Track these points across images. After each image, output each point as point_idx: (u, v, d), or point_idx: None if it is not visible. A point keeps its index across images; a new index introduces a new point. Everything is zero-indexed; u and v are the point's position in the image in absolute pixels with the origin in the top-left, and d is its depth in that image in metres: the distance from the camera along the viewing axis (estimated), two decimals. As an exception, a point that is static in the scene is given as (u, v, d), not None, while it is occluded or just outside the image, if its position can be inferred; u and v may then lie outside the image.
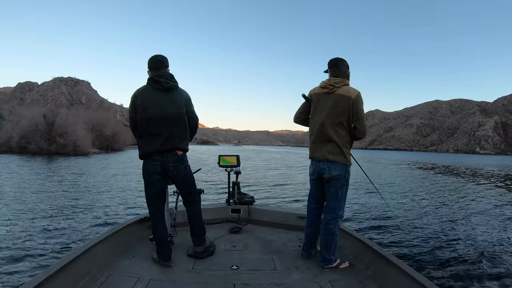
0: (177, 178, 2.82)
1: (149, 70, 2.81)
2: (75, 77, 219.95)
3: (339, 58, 2.89)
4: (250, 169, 23.83)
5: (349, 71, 2.92)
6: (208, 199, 9.35)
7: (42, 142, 33.50)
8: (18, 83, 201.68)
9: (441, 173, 26.45)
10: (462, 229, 7.44)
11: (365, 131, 2.84)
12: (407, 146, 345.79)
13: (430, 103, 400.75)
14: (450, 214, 9.34)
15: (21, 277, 4.05)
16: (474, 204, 11.30)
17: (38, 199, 9.03)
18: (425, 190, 14.89)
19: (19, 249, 4.99)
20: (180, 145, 2.77)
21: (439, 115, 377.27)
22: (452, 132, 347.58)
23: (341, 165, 2.74)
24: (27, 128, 34.50)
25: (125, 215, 7.44)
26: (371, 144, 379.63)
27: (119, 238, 3.10)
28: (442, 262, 5.22)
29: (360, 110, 2.76)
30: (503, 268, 4.99)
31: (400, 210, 9.50)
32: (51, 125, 34.93)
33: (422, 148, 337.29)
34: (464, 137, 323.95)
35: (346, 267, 2.79)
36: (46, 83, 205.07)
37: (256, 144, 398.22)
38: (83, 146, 35.34)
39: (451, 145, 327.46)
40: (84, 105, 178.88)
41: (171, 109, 2.71)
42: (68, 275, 2.21)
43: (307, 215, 3.06)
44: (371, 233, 6.79)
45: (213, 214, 4.12)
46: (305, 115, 3.02)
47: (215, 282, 2.47)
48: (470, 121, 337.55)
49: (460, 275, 4.69)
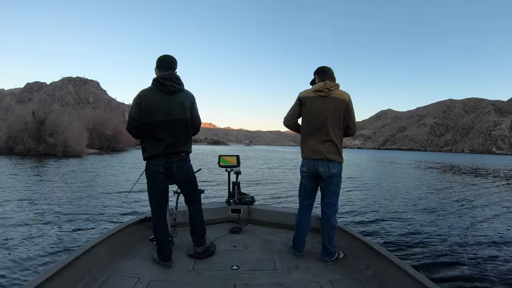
0: (180, 178, 2.85)
1: (157, 69, 2.83)
2: (83, 77, 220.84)
3: (325, 66, 3.12)
4: (259, 168, 24.22)
5: (335, 78, 3.11)
6: (208, 199, 9.09)
7: (29, 142, 30.35)
8: (27, 83, 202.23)
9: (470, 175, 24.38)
10: (465, 229, 7.39)
11: (356, 130, 3.08)
12: (420, 146, 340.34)
13: (444, 102, 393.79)
14: (459, 214, 9.34)
15: (21, 278, 4.06)
16: (486, 206, 10.96)
17: (31, 202, 8.75)
18: (434, 191, 14.62)
19: (19, 250, 4.99)
20: (184, 148, 2.81)
21: (452, 114, 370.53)
22: (466, 132, 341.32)
23: (338, 163, 2.93)
24: (15, 126, 31.46)
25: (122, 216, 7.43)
26: (384, 144, 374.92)
27: (119, 239, 3.11)
28: (442, 262, 5.18)
29: (352, 111, 2.99)
30: (504, 268, 4.97)
31: (403, 210, 9.53)
32: (41, 123, 31.71)
33: (436, 148, 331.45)
34: (480, 137, 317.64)
35: (343, 257, 2.99)
36: (54, 83, 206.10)
37: (268, 144, 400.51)
38: (74, 147, 32.09)
39: (466, 145, 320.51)
40: (92, 105, 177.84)
41: (176, 113, 2.71)
42: (68, 276, 2.23)
43: (299, 213, 3.13)
44: (371, 233, 6.83)
45: (213, 214, 4.13)
46: (296, 118, 3.13)
47: (215, 282, 2.49)
48: (485, 120, 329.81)
49: (461, 275, 4.70)
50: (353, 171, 24.19)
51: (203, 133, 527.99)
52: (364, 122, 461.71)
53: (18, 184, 11.86)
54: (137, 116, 2.71)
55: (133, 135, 2.86)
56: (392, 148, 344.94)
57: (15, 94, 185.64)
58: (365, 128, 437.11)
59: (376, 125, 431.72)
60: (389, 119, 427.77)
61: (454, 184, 18.17)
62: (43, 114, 32.47)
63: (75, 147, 32.14)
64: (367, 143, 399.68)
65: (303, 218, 3.09)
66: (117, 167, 21.57)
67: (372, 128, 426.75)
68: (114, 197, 9.85)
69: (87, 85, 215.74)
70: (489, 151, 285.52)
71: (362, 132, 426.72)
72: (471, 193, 14.11)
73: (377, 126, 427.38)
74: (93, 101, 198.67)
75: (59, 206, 8.34)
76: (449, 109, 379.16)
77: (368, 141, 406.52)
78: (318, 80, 3.06)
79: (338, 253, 2.98)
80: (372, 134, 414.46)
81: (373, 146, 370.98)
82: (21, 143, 30.35)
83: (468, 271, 4.82)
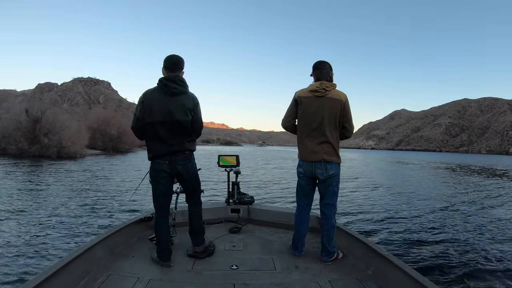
0: (184, 176, 2.86)
1: (164, 69, 2.84)
2: (95, 77, 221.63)
3: (321, 61, 3.01)
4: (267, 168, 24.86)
5: (332, 72, 3.01)
6: (208, 199, 9.15)
7: (22, 142, 28.09)
8: (38, 84, 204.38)
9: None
10: (465, 229, 7.41)
11: (352, 131, 3.03)
12: (436, 146, 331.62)
13: (458, 102, 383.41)
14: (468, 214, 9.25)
15: (20, 278, 4.08)
16: (493, 208, 10.63)
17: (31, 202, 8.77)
18: (438, 192, 14.42)
19: (18, 251, 5.00)
20: (188, 147, 2.84)
21: (468, 114, 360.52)
22: (482, 132, 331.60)
23: (336, 165, 2.92)
24: (9, 126, 29.30)
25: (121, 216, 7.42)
26: (399, 145, 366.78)
27: (119, 238, 3.12)
28: (442, 262, 5.19)
29: (349, 112, 2.95)
30: (505, 269, 4.98)
31: (405, 210, 9.58)
32: (35, 122, 29.44)
33: (452, 149, 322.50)
34: (496, 137, 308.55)
35: (343, 257, 2.99)
36: (65, 84, 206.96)
37: (281, 145, 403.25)
38: (70, 147, 29.75)
39: (483, 145, 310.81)
40: (102, 105, 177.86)
41: (177, 115, 2.72)
42: (67, 276, 2.23)
43: (298, 213, 3.12)
44: (370, 233, 6.81)
45: (212, 214, 4.14)
46: (294, 119, 3.08)
47: (214, 282, 2.49)
48: (501, 120, 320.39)
49: (461, 275, 4.70)
50: (356, 172, 24.31)
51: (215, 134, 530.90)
52: (378, 122, 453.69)
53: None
54: (141, 115, 2.73)
55: (137, 136, 2.88)
56: (407, 149, 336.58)
57: (27, 95, 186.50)
58: (379, 128, 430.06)
59: (390, 125, 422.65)
60: (403, 119, 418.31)
61: (463, 185, 17.76)
62: (39, 112, 30.21)
63: (71, 148, 29.90)
64: (381, 144, 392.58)
65: (302, 219, 3.08)
66: (113, 170, 19.44)
67: (386, 129, 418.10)
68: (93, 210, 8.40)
69: (98, 85, 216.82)
70: (507, 151, 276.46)
71: (375, 132, 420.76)
72: (480, 194, 13.76)
73: (391, 126, 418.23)
74: (103, 101, 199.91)
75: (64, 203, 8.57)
76: (464, 109, 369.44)
77: (382, 141, 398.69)
78: (314, 78, 3.00)
79: (337, 253, 2.98)
80: (386, 135, 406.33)
81: (387, 146, 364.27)
82: (14, 144, 28.29)
83: (468, 271, 4.81)
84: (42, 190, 10.79)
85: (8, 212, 7.48)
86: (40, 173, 16.15)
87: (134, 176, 16.29)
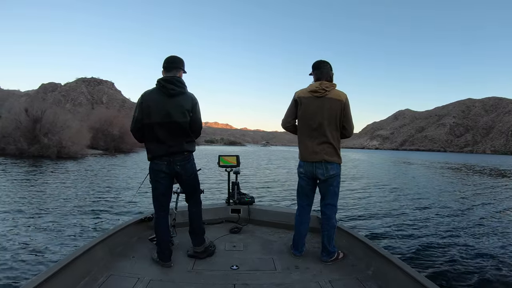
0: (183, 176, 2.86)
1: (163, 70, 2.84)
2: (98, 77, 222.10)
3: (321, 61, 3.00)
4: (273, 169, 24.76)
5: (332, 72, 3.00)
6: (208, 199, 9.21)
7: (21, 142, 27.67)
8: (41, 84, 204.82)
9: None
10: (468, 231, 7.35)
11: (353, 131, 3.02)
12: (440, 146, 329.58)
13: (463, 102, 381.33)
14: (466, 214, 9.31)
15: (20, 278, 4.08)
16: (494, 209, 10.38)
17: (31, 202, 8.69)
18: (441, 193, 14.34)
19: (18, 251, 4.99)
20: (187, 147, 2.84)
21: (472, 114, 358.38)
22: (487, 132, 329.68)
23: (336, 165, 2.91)
24: (9, 125, 28.92)
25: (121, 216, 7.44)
26: (403, 145, 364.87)
27: (119, 239, 3.12)
28: (442, 262, 5.19)
29: (349, 112, 2.94)
30: (505, 270, 4.97)
31: (407, 210, 9.52)
32: (35, 122, 29.01)
33: (457, 149, 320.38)
34: (501, 137, 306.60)
35: (343, 257, 2.99)
36: (69, 84, 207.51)
37: (284, 145, 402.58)
38: (70, 147, 29.30)
39: (487, 145, 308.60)
40: (105, 105, 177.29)
41: (175, 117, 2.72)
42: (68, 276, 2.24)
43: (299, 213, 3.12)
44: (370, 233, 6.73)
45: (213, 214, 4.15)
46: (294, 119, 3.08)
47: (215, 282, 2.49)
48: (506, 120, 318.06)
49: (461, 275, 4.70)
50: (359, 172, 24.16)
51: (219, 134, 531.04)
52: (382, 122, 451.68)
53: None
54: (140, 117, 2.73)
55: (136, 138, 2.88)
56: (411, 149, 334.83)
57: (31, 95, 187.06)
58: (383, 128, 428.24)
59: (394, 125, 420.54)
60: (407, 119, 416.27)
61: (467, 186, 17.61)
62: (39, 111, 29.78)
63: (71, 148, 29.46)
64: (385, 144, 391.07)
65: (303, 219, 3.08)
66: (113, 171, 19.08)
67: (390, 129, 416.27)
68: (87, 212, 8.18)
69: (102, 86, 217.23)
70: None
71: (379, 132, 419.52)
72: (483, 195, 13.67)
73: (395, 126, 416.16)
74: (106, 101, 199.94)
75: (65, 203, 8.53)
76: (468, 108, 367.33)
77: (386, 141, 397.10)
78: (314, 78, 2.99)
79: (338, 253, 2.98)
80: (390, 135, 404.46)
81: (391, 147, 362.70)
82: (13, 143, 27.86)
83: (468, 271, 4.82)
84: (41, 191, 10.57)
85: (5, 213, 7.38)
86: (39, 173, 15.87)
87: (134, 177, 16.03)
